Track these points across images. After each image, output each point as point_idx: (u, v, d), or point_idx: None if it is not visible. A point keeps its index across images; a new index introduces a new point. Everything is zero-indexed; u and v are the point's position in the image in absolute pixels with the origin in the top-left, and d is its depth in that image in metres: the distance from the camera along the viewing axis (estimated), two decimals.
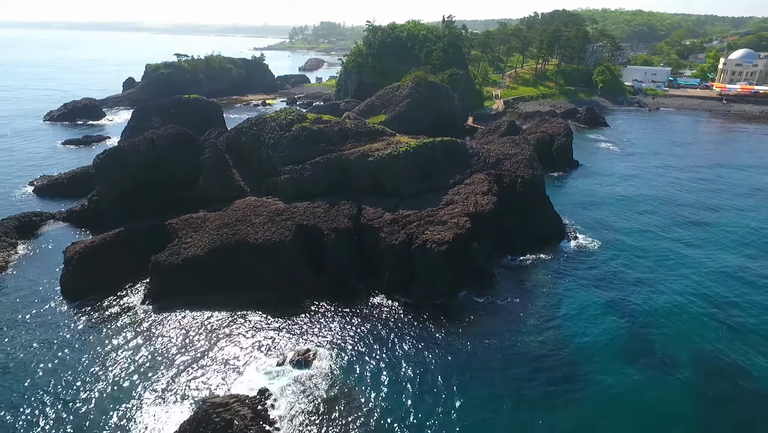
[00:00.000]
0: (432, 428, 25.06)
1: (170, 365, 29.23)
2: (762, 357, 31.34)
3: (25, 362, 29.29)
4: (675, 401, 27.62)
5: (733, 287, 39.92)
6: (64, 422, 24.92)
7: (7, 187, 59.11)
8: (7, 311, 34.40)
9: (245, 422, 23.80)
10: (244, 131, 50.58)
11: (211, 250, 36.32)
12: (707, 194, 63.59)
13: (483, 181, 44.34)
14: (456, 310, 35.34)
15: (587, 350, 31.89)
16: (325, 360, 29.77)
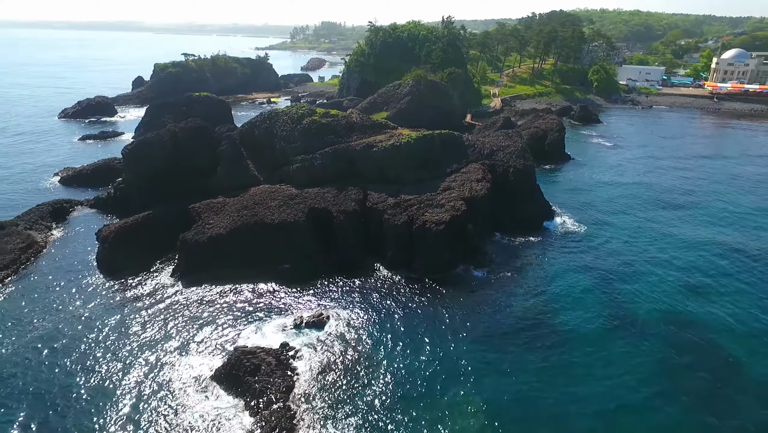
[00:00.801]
0: (430, 378, 29.09)
1: (200, 325, 33.33)
2: (717, 311, 36.32)
3: (74, 324, 33.36)
4: (643, 352, 31.83)
5: (702, 258, 45.09)
6: (112, 372, 28.97)
7: (34, 178, 63.18)
8: (51, 282, 38.50)
9: (270, 367, 27.93)
10: (257, 125, 54.75)
11: (233, 229, 40.44)
12: (688, 181, 68.87)
13: (478, 170, 48.52)
14: (453, 282, 39.42)
15: (569, 314, 36.01)
16: (336, 322, 33.89)
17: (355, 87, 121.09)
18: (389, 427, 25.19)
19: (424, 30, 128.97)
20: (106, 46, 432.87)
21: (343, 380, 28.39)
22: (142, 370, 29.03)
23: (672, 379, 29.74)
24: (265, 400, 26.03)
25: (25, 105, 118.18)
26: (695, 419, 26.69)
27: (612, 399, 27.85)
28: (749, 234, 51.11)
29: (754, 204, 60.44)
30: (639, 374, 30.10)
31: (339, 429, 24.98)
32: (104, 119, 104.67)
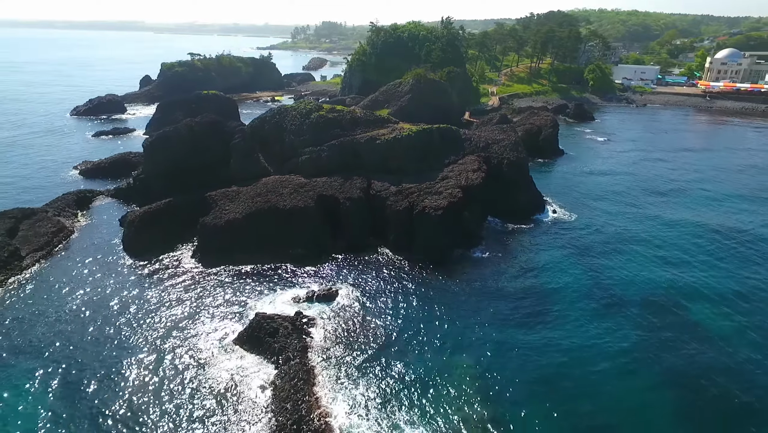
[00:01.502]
0: (428, 340, 32.63)
1: (219, 298, 36.88)
2: (690, 282, 40.36)
3: (104, 296, 36.92)
4: (622, 319, 35.41)
5: (681, 238, 49.61)
6: (141, 337, 32.50)
7: (55, 171, 66.76)
8: (82, 262, 42.07)
9: (287, 331, 31.50)
10: (267, 120, 58.37)
11: (248, 214, 44.01)
12: (674, 172, 73.72)
13: (474, 162, 52.09)
14: (450, 262, 42.96)
15: (557, 292, 39.50)
16: (345, 296, 37.47)
17: (357, 86, 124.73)
18: (394, 381, 28.72)
19: (424, 30, 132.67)
20: (109, 45, 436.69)
21: (352, 343, 31.98)
22: (168, 334, 32.56)
23: (646, 340, 33.24)
24: (283, 357, 29.61)
25: (37, 103, 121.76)
26: (665, 371, 30.17)
27: (594, 360, 31.15)
28: (725, 217, 55.91)
29: (733, 191, 65.39)
30: (618, 337, 33.57)
31: (350, 382, 28.53)
32: (115, 117, 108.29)
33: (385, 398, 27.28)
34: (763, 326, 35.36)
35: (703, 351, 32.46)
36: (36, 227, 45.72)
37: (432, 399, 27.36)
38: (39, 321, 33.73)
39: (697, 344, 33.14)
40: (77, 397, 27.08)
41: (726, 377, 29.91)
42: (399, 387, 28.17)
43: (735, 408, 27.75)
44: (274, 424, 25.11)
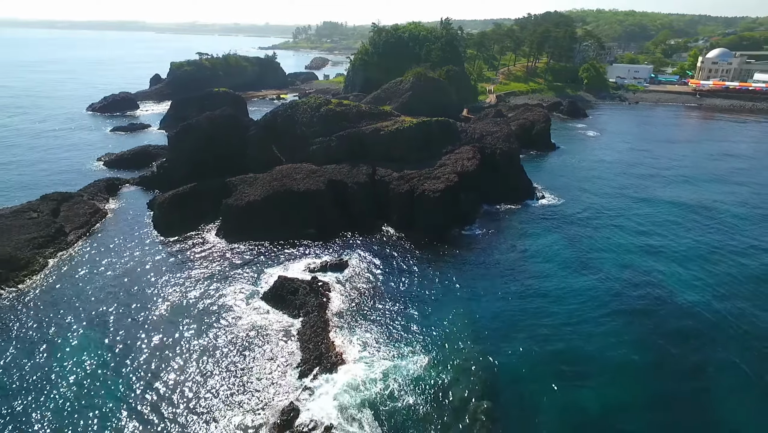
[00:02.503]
0: (428, 301, 37.63)
1: (242, 266, 41.91)
2: (663, 256, 45.76)
3: (139, 267, 41.97)
4: (601, 286, 40.28)
5: (657, 216, 55.52)
6: (175, 298, 37.57)
7: (81, 162, 71.84)
8: (118, 239, 47.17)
9: (306, 291, 36.60)
10: (279, 114, 63.52)
11: (266, 196, 49.09)
12: (657, 161, 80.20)
13: (469, 151, 57.20)
14: (447, 239, 47.93)
15: (543, 265, 44.34)
16: (354, 265, 42.52)
17: (360, 84, 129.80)
18: (398, 327, 33.74)
19: (424, 31, 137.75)
20: (113, 45, 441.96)
21: (361, 301, 37.06)
22: (202, 295, 37.59)
23: (620, 303, 38.07)
24: (304, 311, 34.72)
25: (53, 100, 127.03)
26: (634, 327, 35.03)
27: (574, 317, 35.97)
28: (696, 196, 63.45)
29: (706, 175, 73.40)
30: (596, 300, 38.46)
31: (361, 329, 33.58)
32: (128, 113, 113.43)
33: (390, 339, 32.41)
34: (711, 276, 42.16)
35: (662, 298, 38.06)
36: (75, 209, 50.89)
37: (431, 339, 32.45)
38: (89, 286, 38.79)
39: (659, 291, 39.35)
40: (126, 347, 32.04)
41: (676, 316, 35.87)
42: (402, 331, 33.27)
43: (682, 336, 33.80)
44: (299, 358, 30.21)
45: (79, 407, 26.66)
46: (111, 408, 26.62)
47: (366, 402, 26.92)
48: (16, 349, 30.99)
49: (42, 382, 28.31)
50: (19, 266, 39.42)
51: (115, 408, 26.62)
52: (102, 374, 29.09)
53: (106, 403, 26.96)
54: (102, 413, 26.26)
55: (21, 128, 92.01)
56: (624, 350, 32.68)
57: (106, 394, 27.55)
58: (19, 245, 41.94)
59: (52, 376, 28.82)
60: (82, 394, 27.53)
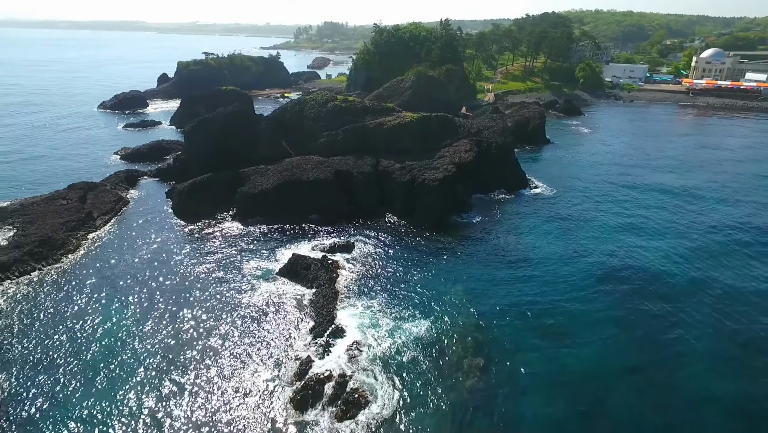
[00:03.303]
0: (429, 279, 41.41)
1: (257, 248, 45.79)
2: (645, 241, 49.43)
3: (164, 248, 45.86)
4: (588, 267, 43.85)
5: (645, 206, 59.25)
6: (195, 273, 41.45)
7: (99, 156, 75.72)
8: (141, 224, 51.10)
9: (317, 267, 40.49)
10: (288, 110, 67.45)
11: (278, 185, 53.01)
12: (648, 156, 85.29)
13: (466, 144, 61.08)
14: (445, 225, 51.73)
15: (534, 246, 48.20)
16: (360, 247, 46.42)
17: (362, 83, 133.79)
18: (401, 299, 37.59)
19: (424, 31, 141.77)
20: (115, 45, 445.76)
21: (367, 277, 40.95)
22: (222, 270, 41.45)
23: (606, 283, 41.64)
24: (316, 284, 38.65)
25: (64, 98, 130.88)
26: (616, 297, 38.85)
27: (563, 294, 39.71)
28: (680, 181, 69.66)
29: (689, 164, 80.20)
30: (582, 275, 42.27)
31: (367, 299, 37.46)
32: (138, 111, 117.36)
33: (394, 306, 36.34)
34: (687, 249, 47.14)
35: (643, 271, 42.34)
36: (100, 197, 54.82)
37: (430, 307, 36.34)
38: (119, 263, 42.67)
39: (639, 265, 43.93)
40: (154, 315, 35.82)
41: (654, 285, 40.08)
42: (405, 300, 37.18)
43: (657, 299, 38.11)
44: (313, 322, 34.12)
45: (112, 364, 30.44)
46: (140, 367, 30.48)
47: (375, 357, 30.82)
48: (59, 316, 34.86)
49: (79, 344, 32.17)
50: (56, 246, 43.34)
51: (144, 367, 30.44)
52: (132, 338, 32.88)
53: (137, 362, 30.81)
54: (132, 372, 30.06)
55: (38, 126, 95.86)
56: (604, 315, 36.63)
57: (137, 355, 31.33)
58: (55, 228, 45.86)
59: (88, 339, 32.67)
60: (114, 354, 31.23)
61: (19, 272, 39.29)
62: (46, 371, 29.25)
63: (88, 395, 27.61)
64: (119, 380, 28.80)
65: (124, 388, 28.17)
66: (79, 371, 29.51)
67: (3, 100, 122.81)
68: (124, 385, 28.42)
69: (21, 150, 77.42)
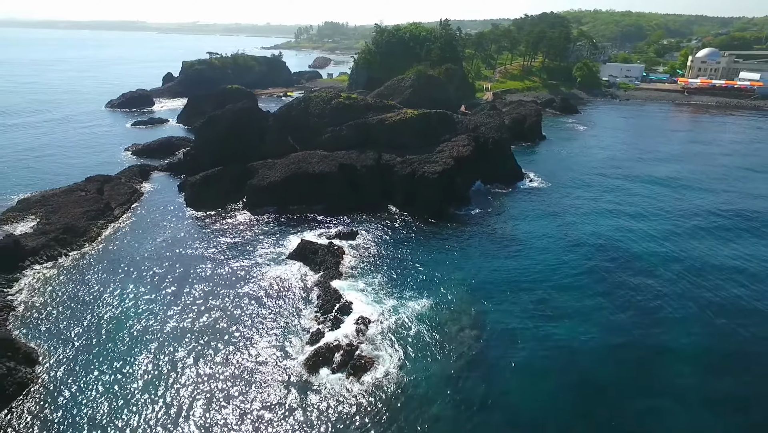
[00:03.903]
0: (429, 264, 44.21)
1: (266, 235, 48.64)
2: (631, 227, 52.69)
3: (179, 235, 48.70)
4: (577, 252, 46.74)
5: (634, 196, 62.93)
6: (215, 255, 44.30)
7: (111, 152, 78.55)
8: (157, 213, 53.92)
9: (324, 251, 43.32)
10: (293, 107, 70.34)
11: (285, 177, 55.86)
12: (640, 151, 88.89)
13: (464, 139, 63.90)
14: (444, 216, 54.50)
15: (529, 234, 50.89)
16: (363, 235, 49.23)
17: (363, 82, 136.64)
18: (404, 281, 40.41)
19: (424, 31, 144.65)
20: (117, 45, 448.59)
21: (370, 261, 43.80)
22: (234, 255, 44.24)
23: (594, 262, 44.61)
24: (322, 266, 41.49)
25: (72, 95, 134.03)
26: (604, 280, 41.65)
27: (553, 273, 42.55)
28: (668, 172, 74.44)
29: (679, 156, 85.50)
30: (573, 263, 44.99)
31: (372, 279, 40.28)
32: (145, 109, 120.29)
33: (397, 287, 39.21)
34: (670, 232, 50.83)
35: (630, 255, 45.19)
36: (116, 189, 57.72)
37: (430, 287, 39.14)
38: (137, 249, 45.45)
39: (627, 250, 46.97)
40: (171, 296, 38.58)
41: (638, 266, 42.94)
42: (407, 282, 40.01)
43: (641, 276, 40.90)
44: (321, 300, 36.95)
45: (132, 342, 33.23)
46: (160, 337, 33.31)
47: (381, 329, 33.66)
48: (84, 297, 37.70)
49: (102, 323, 34.97)
50: (79, 233, 46.19)
51: (164, 337, 33.26)
52: (154, 313, 35.65)
53: (158, 333, 33.64)
54: (149, 347, 32.92)
55: (50, 124, 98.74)
56: (592, 290, 39.74)
57: (157, 327, 34.14)
58: (76, 217, 48.72)
59: (109, 319, 35.50)
60: (139, 326, 34.03)
61: (47, 256, 42.13)
62: (75, 342, 32.08)
63: (114, 360, 30.42)
64: (143, 349, 31.60)
65: (147, 355, 31.00)
66: (104, 340, 32.33)
67: (14, 99, 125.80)
68: (148, 352, 31.24)
69: (35, 147, 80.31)
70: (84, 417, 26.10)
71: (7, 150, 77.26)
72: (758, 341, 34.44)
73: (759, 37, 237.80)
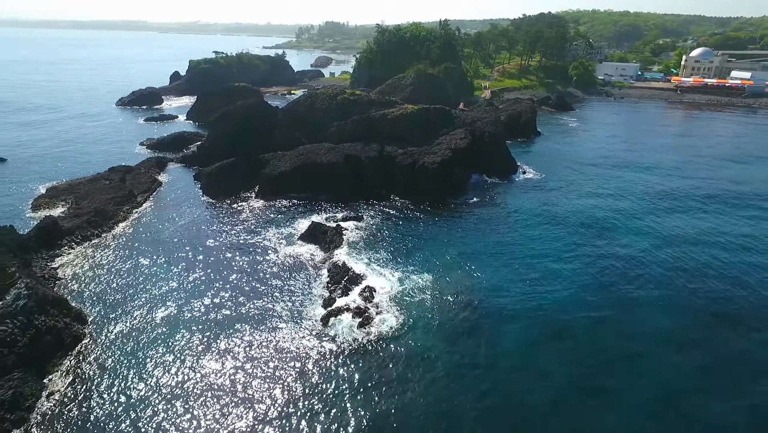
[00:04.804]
0: (428, 244, 48.38)
1: (278, 219, 52.79)
2: (616, 211, 57.08)
3: (198, 219, 52.94)
4: (566, 234, 50.88)
5: (622, 186, 67.26)
6: (232, 237, 48.54)
7: (127, 146, 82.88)
8: (176, 201, 58.19)
9: (332, 232, 47.59)
10: (300, 103, 74.66)
11: (295, 167, 60.14)
12: (630, 145, 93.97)
13: (461, 132, 68.22)
14: (442, 205, 58.63)
15: (522, 220, 54.89)
16: (367, 219, 53.43)
17: (365, 80, 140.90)
18: (407, 259, 44.61)
19: (424, 31, 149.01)
20: (120, 45, 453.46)
21: (374, 241, 48.01)
22: (247, 236, 48.41)
23: (579, 245, 48.79)
24: (331, 245, 45.75)
25: (83, 93, 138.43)
26: (592, 260, 45.77)
27: (543, 254, 46.61)
28: (654, 160, 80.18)
29: (665, 149, 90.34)
30: (561, 243, 49.05)
31: (377, 256, 44.52)
32: (155, 107, 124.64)
33: (401, 263, 43.43)
34: (653, 218, 53.62)
35: (615, 239, 49.03)
36: (137, 178, 62.01)
37: (432, 264, 43.23)
38: (161, 231, 49.68)
39: (613, 234, 50.68)
40: (192, 272, 42.85)
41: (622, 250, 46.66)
42: (410, 259, 44.19)
43: (625, 262, 44.68)
44: (331, 274, 41.17)
45: (164, 305, 37.47)
46: (188, 305, 37.59)
47: (386, 296, 37.90)
48: (118, 269, 41.93)
49: (137, 291, 39.20)
50: (108, 216, 50.47)
51: (190, 303, 37.56)
52: (180, 286, 39.90)
53: (185, 302, 37.90)
54: (182, 309, 37.20)
55: (67, 119, 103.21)
56: (578, 262, 44.03)
57: (184, 297, 38.40)
58: (103, 202, 53.00)
59: (143, 287, 39.75)
60: (168, 296, 38.31)
61: (81, 236, 46.39)
62: (115, 306, 36.32)
63: (152, 320, 34.67)
64: (176, 310, 35.87)
65: (181, 315, 35.26)
66: (141, 304, 36.56)
67: (31, 97, 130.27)
68: (180, 312, 35.50)
69: (56, 141, 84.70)
70: (133, 364, 30.33)
71: (31, 144, 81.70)
72: (711, 294, 40.18)
73: (753, 37, 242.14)
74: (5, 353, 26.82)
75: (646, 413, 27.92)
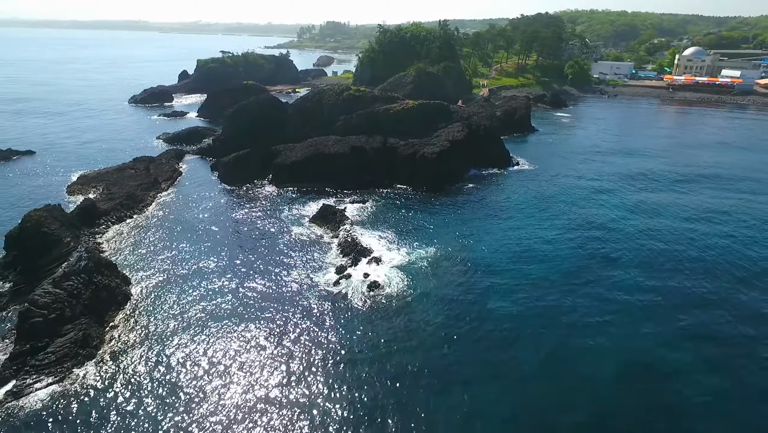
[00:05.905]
0: (431, 226, 53.55)
1: (293, 203, 58.09)
2: (605, 199, 62.39)
3: (218, 205, 58.23)
4: (558, 218, 56.05)
5: (611, 177, 72.11)
6: (249, 219, 53.79)
7: (144, 140, 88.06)
8: (197, 188, 63.44)
9: (340, 213, 52.84)
10: (309, 99, 79.97)
11: (305, 157, 65.36)
12: (620, 138, 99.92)
13: (459, 126, 73.41)
14: (441, 192, 63.84)
15: (515, 207, 59.95)
16: (372, 203, 58.72)
17: (367, 79, 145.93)
18: (412, 237, 49.72)
19: (424, 31, 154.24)
20: (123, 45, 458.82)
21: (379, 221, 53.26)
22: (263, 218, 53.71)
23: (571, 228, 53.83)
24: (340, 224, 50.95)
25: (96, 94, 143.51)
26: (578, 239, 50.95)
27: (537, 237, 51.61)
28: (645, 160, 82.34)
29: (652, 143, 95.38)
30: (554, 227, 54.02)
31: (384, 234, 49.67)
32: (166, 104, 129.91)
33: (406, 240, 48.60)
34: (638, 203, 58.57)
35: (602, 224, 54.27)
36: (159, 168, 67.30)
37: (435, 241, 48.36)
38: (185, 213, 54.94)
39: (601, 218, 55.84)
40: (217, 244, 48.03)
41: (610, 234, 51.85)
42: (414, 237, 49.33)
43: (608, 239, 50.01)
44: (342, 250, 46.38)
45: (194, 274, 42.72)
46: (214, 274, 42.81)
47: (395, 267, 43.09)
48: (152, 244, 47.16)
49: (170, 262, 44.42)
50: (137, 200, 55.75)
51: (217, 275, 42.78)
52: (206, 259, 45.06)
53: (212, 271, 43.11)
54: (210, 277, 42.38)
55: (85, 116, 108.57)
56: (566, 242, 49.14)
57: (210, 269, 43.61)
58: (132, 188, 58.26)
59: (174, 260, 44.97)
60: (198, 267, 43.53)
61: (116, 217, 51.66)
62: (153, 273, 41.58)
63: (184, 290, 39.95)
64: (204, 278, 41.13)
65: (209, 282, 40.51)
66: (174, 273, 41.81)
67: (45, 95, 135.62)
68: (209, 281, 40.73)
69: (78, 135, 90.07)
70: (176, 317, 35.58)
71: (55, 138, 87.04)
72: (682, 257, 46.29)
73: (746, 36, 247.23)
74: (73, 303, 32.07)
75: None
